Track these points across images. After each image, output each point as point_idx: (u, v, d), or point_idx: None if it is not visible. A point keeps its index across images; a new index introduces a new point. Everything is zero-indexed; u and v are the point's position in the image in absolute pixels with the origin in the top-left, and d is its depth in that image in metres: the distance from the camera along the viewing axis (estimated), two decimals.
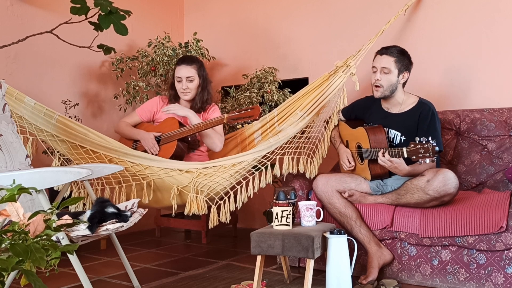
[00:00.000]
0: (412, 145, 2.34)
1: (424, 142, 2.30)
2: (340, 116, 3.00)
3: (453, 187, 2.35)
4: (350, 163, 2.79)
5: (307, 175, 2.88)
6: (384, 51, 2.68)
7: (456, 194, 2.40)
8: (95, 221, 1.90)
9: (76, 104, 3.49)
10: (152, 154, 2.89)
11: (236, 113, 2.81)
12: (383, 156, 2.49)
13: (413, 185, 2.43)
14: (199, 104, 3.08)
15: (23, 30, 3.27)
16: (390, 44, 2.79)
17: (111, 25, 2.99)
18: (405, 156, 2.39)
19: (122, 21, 3.02)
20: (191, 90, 3.06)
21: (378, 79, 2.66)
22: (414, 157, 2.33)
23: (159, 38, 3.82)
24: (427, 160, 2.28)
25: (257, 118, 2.81)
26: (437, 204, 2.40)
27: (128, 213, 2.05)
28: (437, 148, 2.27)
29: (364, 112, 2.86)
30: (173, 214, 2.75)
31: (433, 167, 2.54)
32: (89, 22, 3.12)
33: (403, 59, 2.67)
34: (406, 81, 2.72)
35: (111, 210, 2.00)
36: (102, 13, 2.99)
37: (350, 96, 3.09)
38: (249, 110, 2.79)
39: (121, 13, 3.02)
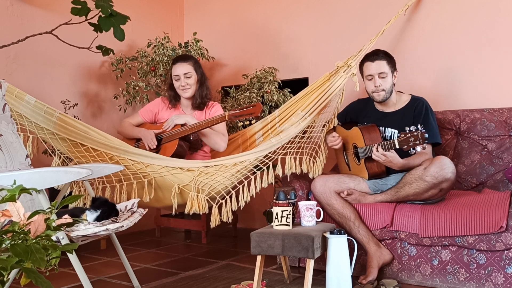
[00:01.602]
0: (403, 135, 2.38)
1: (413, 130, 2.34)
2: (336, 121, 3.02)
3: (450, 172, 2.38)
4: (334, 136, 2.78)
5: (310, 176, 2.87)
6: (374, 57, 2.70)
7: (454, 180, 2.42)
8: (105, 216, 1.95)
9: (75, 105, 3.49)
10: (150, 148, 2.90)
11: (238, 111, 2.81)
12: (377, 151, 2.50)
13: (411, 175, 2.46)
14: (199, 100, 3.09)
15: (23, 30, 3.27)
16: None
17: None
18: (397, 146, 2.42)
19: (122, 24, 3.04)
20: (190, 86, 3.07)
21: (379, 85, 2.68)
22: (405, 146, 2.36)
23: (158, 38, 3.82)
24: (418, 148, 2.31)
25: (259, 115, 2.80)
26: (436, 192, 2.41)
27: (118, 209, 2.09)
28: (426, 135, 2.31)
29: (358, 114, 2.88)
30: (173, 213, 2.75)
31: (429, 158, 2.55)
32: (89, 23, 3.12)
33: (391, 60, 2.73)
34: (396, 80, 2.76)
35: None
36: (103, 15, 3.00)
37: (350, 97, 3.09)
38: (251, 107, 2.79)
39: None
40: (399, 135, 2.43)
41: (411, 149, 2.35)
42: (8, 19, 3.29)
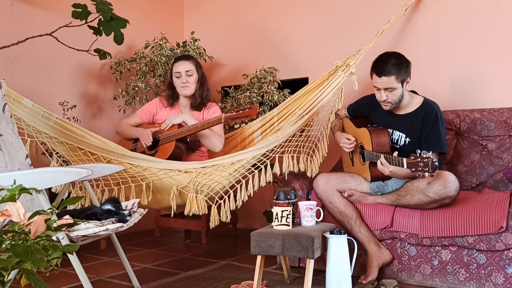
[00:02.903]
0: (413, 157, 2.27)
1: (424, 156, 2.23)
2: (345, 112, 2.98)
3: (454, 190, 2.34)
4: (350, 140, 2.73)
5: (308, 174, 2.87)
6: (381, 72, 2.53)
7: (456, 196, 2.38)
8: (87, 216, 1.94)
9: (74, 106, 3.47)
10: (146, 145, 2.90)
11: (234, 113, 2.82)
12: (382, 164, 2.45)
13: (414, 187, 2.42)
14: (199, 100, 3.10)
15: (23, 30, 3.27)
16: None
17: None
18: (405, 167, 2.32)
19: (122, 28, 3.04)
20: (190, 84, 3.08)
21: (385, 99, 2.59)
22: (414, 169, 2.26)
23: (156, 39, 3.82)
24: (426, 174, 2.22)
25: (255, 117, 2.81)
26: (438, 206, 2.40)
27: (126, 212, 2.05)
28: (436, 164, 2.20)
29: (370, 111, 2.82)
30: (172, 214, 2.75)
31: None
32: (88, 26, 3.12)
33: (401, 70, 2.54)
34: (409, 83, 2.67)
35: (107, 207, 2.02)
36: (103, 19, 3.00)
37: (350, 96, 3.09)
38: (247, 109, 2.80)
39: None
40: (411, 142, 2.36)
41: (418, 173, 2.24)
42: (8, 20, 3.29)
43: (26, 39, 3.06)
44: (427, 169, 2.22)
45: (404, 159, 2.32)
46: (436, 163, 2.21)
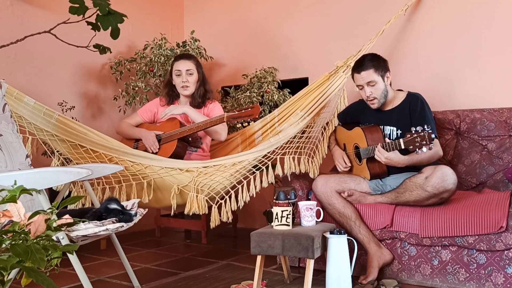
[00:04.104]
0: (409, 135, 2.36)
1: (420, 130, 2.32)
2: (336, 120, 3.01)
3: (452, 183, 2.36)
4: (345, 164, 2.80)
5: (311, 175, 2.87)
6: (359, 68, 2.67)
7: (455, 190, 2.40)
8: (95, 217, 1.93)
9: (73, 107, 3.46)
10: (152, 152, 2.90)
11: (236, 112, 2.81)
12: (378, 151, 2.51)
13: (412, 183, 2.45)
14: (199, 100, 3.10)
15: (23, 30, 3.27)
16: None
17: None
18: (403, 147, 2.40)
19: (120, 23, 3.03)
20: (190, 85, 3.08)
21: (370, 94, 2.68)
22: (411, 146, 2.34)
23: (155, 40, 3.81)
24: (424, 149, 2.29)
25: (257, 117, 2.81)
26: (436, 201, 2.41)
27: (133, 212, 2.06)
28: (433, 135, 2.29)
29: (359, 114, 2.87)
30: (172, 213, 2.75)
31: (435, 153, 2.54)
32: (86, 22, 3.11)
33: (379, 64, 2.67)
34: (390, 79, 2.75)
35: (113, 206, 2.02)
36: (101, 14, 2.99)
37: (350, 97, 3.09)
38: (249, 109, 2.79)
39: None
40: (403, 134, 2.42)
41: (417, 149, 2.32)
42: (8, 19, 3.29)
43: (25, 37, 3.05)
44: (424, 142, 2.30)
45: (401, 140, 2.40)
46: (433, 135, 2.29)
